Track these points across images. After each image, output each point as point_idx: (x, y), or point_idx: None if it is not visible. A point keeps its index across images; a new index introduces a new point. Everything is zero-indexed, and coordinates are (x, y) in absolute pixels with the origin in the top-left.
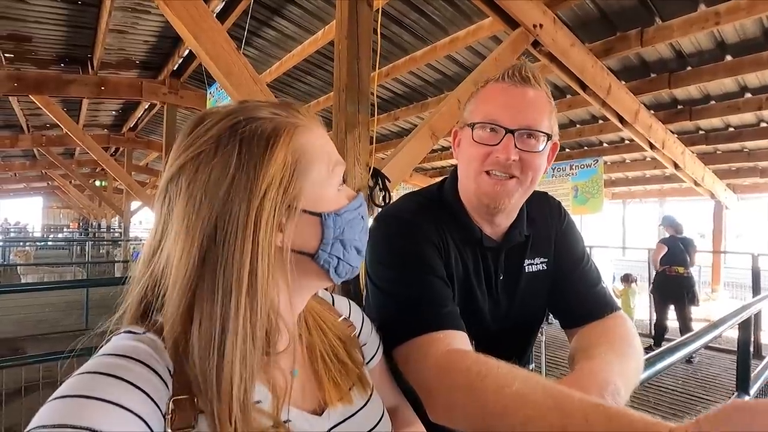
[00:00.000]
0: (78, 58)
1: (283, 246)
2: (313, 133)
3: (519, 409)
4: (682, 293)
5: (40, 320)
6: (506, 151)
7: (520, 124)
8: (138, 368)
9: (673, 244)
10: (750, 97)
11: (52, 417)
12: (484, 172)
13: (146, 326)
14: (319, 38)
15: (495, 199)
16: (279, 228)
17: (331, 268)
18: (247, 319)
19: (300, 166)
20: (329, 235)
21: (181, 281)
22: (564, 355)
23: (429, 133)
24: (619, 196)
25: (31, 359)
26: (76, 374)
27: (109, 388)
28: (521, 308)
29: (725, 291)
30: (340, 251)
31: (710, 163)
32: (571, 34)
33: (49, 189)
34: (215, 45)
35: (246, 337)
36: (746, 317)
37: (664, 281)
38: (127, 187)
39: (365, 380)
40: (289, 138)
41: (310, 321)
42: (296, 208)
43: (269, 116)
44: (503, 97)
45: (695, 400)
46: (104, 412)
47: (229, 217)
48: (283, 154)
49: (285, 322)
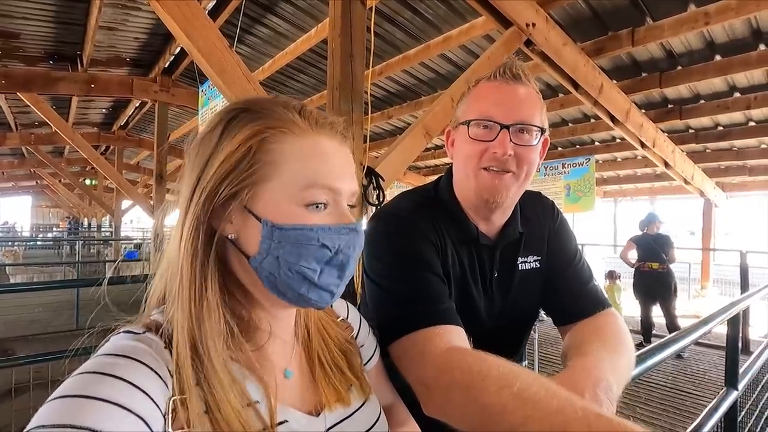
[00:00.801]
0: (67, 55)
1: (228, 235)
2: (304, 142)
3: (519, 408)
4: (661, 288)
5: (31, 321)
6: (503, 146)
7: (514, 120)
8: (137, 368)
9: (642, 241)
10: (739, 96)
11: (52, 417)
12: (482, 168)
13: (145, 326)
14: (312, 36)
15: (494, 194)
16: (229, 219)
17: (267, 282)
18: (195, 292)
19: (262, 163)
20: (264, 245)
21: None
22: (556, 352)
23: (423, 131)
24: (610, 195)
25: (21, 360)
26: (75, 374)
27: (108, 388)
28: (515, 305)
29: (714, 288)
30: (275, 269)
31: (700, 161)
32: (564, 33)
33: (38, 188)
34: (207, 43)
35: (194, 298)
36: (735, 313)
37: (639, 277)
38: (118, 185)
39: (364, 383)
40: (261, 130)
41: (311, 327)
42: (242, 201)
43: (261, 110)
44: (496, 95)
45: (684, 395)
46: (104, 411)
47: (191, 193)
48: (241, 139)
49: (265, 318)
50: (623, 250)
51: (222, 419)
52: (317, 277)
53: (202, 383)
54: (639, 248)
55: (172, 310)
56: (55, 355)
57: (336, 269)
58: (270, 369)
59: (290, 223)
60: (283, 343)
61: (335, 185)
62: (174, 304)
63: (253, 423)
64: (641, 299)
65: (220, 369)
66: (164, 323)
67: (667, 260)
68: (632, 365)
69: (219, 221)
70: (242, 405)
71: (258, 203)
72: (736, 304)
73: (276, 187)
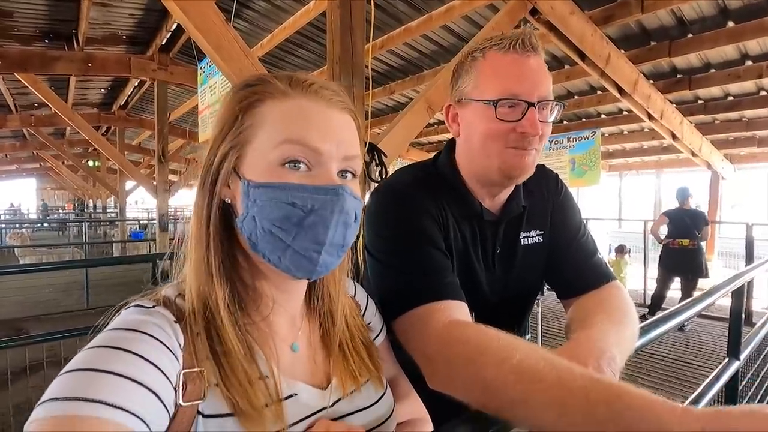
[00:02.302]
0: (62, 34)
1: (217, 197)
2: (287, 104)
3: (518, 382)
4: (688, 266)
5: (41, 301)
6: (534, 125)
7: (538, 96)
8: (148, 341)
9: (677, 216)
10: (751, 65)
11: (63, 390)
12: (508, 147)
13: (156, 300)
14: (311, 9)
15: (521, 172)
16: (226, 183)
17: (249, 242)
18: (203, 251)
19: (250, 127)
20: (243, 204)
21: None
22: (559, 326)
23: (425, 106)
24: (615, 168)
25: (34, 339)
26: (87, 348)
27: (119, 361)
28: (518, 280)
29: (719, 260)
30: (252, 228)
31: (708, 133)
32: (571, 1)
33: (42, 170)
34: (204, 18)
35: (207, 263)
36: (739, 285)
37: (668, 254)
38: (121, 166)
39: (376, 363)
40: (255, 99)
41: (337, 311)
42: (231, 164)
43: (257, 82)
44: (517, 69)
45: (686, 366)
46: (115, 384)
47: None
48: (233, 107)
49: (269, 288)
50: (655, 224)
51: (233, 391)
52: (291, 240)
53: (212, 356)
54: (671, 223)
55: (186, 278)
56: (66, 334)
57: (311, 232)
58: (277, 341)
59: (264, 180)
60: (291, 317)
61: (313, 144)
62: (188, 271)
63: (263, 395)
64: (665, 275)
65: (231, 338)
66: (174, 297)
67: (700, 237)
68: (636, 337)
69: (221, 187)
70: (253, 378)
71: (242, 165)
72: (741, 276)
73: (256, 146)
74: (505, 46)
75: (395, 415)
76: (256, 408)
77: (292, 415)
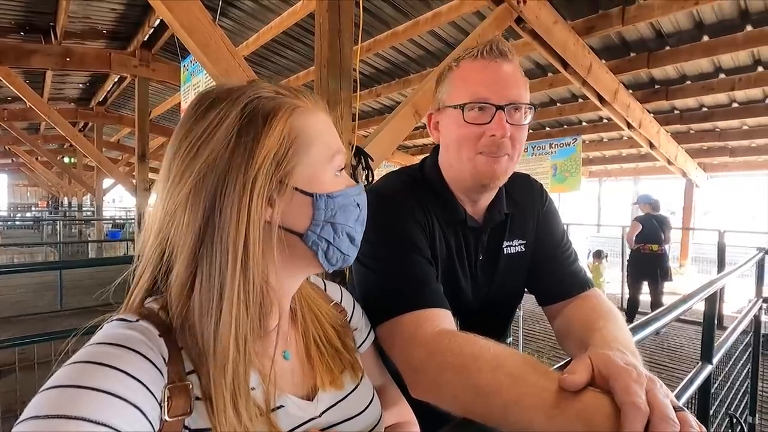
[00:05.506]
0: (39, 27)
1: (272, 221)
2: (315, 117)
3: (514, 387)
4: (656, 270)
5: (13, 302)
6: (501, 127)
7: (507, 99)
8: (131, 357)
9: (648, 221)
10: (724, 77)
11: (45, 407)
12: (478, 153)
13: (139, 314)
14: (298, 9)
15: (493, 178)
16: (269, 203)
17: (320, 251)
18: (241, 286)
19: (297, 144)
20: (319, 216)
21: (187, 250)
22: (540, 329)
23: (412, 111)
24: (595, 175)
25: (4, 343)
26: (68, 364)
27: (102, 377)
28: (500, 287)
29: (693, 266)
30: (330, 235)
31: (683, 142)
32: (555, 11)
33: (14, 166)
34: (190, 16)
35: (239, 304)
36: (713, 291)
37: (639, 259)
38: (98, 164)
39: (357, 366)
40: (288, 115)
41: (304, 307)
42: (287, 184)
43: (272, 95)
44: (486, 74)
45: (661, 369)
46: (98, 401)
47: (226, 188)
48: (279, 130)
49: (278, 299)
50: (630, 231)
51: (219, 405)
52: (356, 235)
53: (199, 369)
54: (644, 229)
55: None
56: (40, 338)
57: (361, 225)
58: (269, 355)
59: (335, 190)
60: (284, 323)
61: (342, 149)
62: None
63: (251, 408)
64: (635, 280)
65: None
66: (158, 311)
67: (664, 241)
68: (632, 338)
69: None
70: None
71: (302, 180)
72: (715, 283)
73: (311, 161)
74: (475, 54)
75: (383, 422)
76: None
77: (282, 425)
